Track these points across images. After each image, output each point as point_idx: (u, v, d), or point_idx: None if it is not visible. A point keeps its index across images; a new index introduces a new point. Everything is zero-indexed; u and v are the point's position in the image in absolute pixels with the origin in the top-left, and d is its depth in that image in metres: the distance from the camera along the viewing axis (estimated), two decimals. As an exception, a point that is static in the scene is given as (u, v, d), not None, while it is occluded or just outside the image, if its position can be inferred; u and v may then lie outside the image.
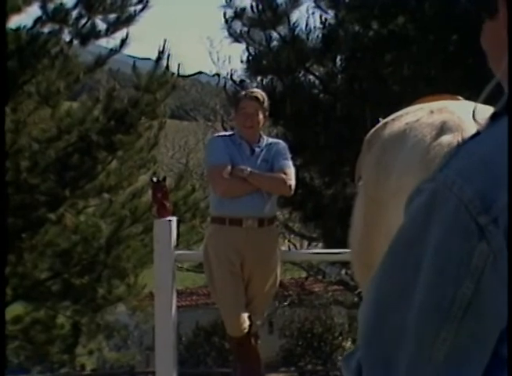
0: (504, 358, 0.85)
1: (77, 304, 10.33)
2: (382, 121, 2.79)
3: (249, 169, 4.64)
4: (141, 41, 9.81)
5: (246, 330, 4.64)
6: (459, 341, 0.85)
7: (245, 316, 4.63)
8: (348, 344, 19.93)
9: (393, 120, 2.71)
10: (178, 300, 5.65)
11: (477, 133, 0.93)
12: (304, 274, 18.31)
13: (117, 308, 11.00)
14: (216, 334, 19.20)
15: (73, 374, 14.90)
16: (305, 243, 15.35)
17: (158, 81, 9.68)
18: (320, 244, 10.76)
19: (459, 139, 2.31)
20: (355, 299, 14.56)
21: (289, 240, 16.97)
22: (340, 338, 20.19)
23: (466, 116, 2.39)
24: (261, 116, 4.74)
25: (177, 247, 5.28)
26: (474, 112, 0.98)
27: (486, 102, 0.98)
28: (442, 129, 2.43)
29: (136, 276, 10.40)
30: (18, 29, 8.97)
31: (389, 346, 0.88)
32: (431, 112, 2.55)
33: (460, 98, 2.77)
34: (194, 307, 20.90)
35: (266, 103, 4.79)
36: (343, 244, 4.43)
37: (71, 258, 9.80)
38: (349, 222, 2.93)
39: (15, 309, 10.55)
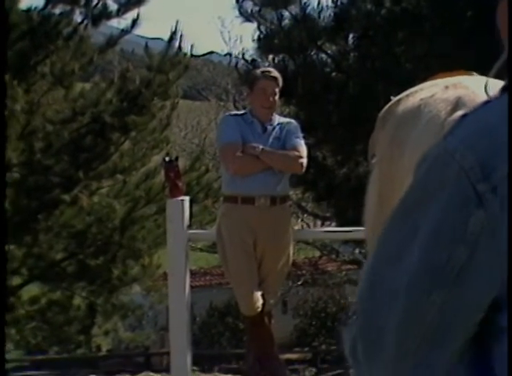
0: (502, 328, 0.86)
1: (92, 285, 10.37)
2: (396, 98, 2.75)
3: (261, 147, 4.62)
4: (151, 20, 9.75)
5: (259, 309, 4.64)
6: (448, 306, 0.86)
7: (258, 294, 4.62)
8: (362, 323, 19.97)
9: (407, 96, 2.67)
10: (191, 280, 5.65)
11: (486, 102, 0.91)
12: (317, 253, 18.31)
13: (132, 288, 11.02)
14: (230, 315, 19.25)
15: (90, 355, 14.99)
16: (318, 222, 15.33)
17: (170, 62, 9.65)
18: (333, 224, 10.74)
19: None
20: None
21: (302, 220, 16.96)
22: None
23: (481, 91, 2.35)
24: (277, 96, 4.73)
25: (190, 227, 5.28)
26: (486, 86, 0.97)
27: (498, 76, 0.97)
28: (457, 104, 2.39)
29: (150, 256, 10.42)
30: (29, 10, 8.94)
31: (381, 308, 0.89)
32: (446, 87, 2.51)
33: (475, 74, 2.73)
34: (208, 287, 20.95)
35: (281, 82, 4.78)
36: (356, 222, 4.40)
37: (86, 238, 9.82)
38: (362, 201, 2.90)
39: (31, 290, 10.60)
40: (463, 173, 0.87)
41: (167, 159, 5.11)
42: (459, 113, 2.36)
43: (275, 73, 4.82)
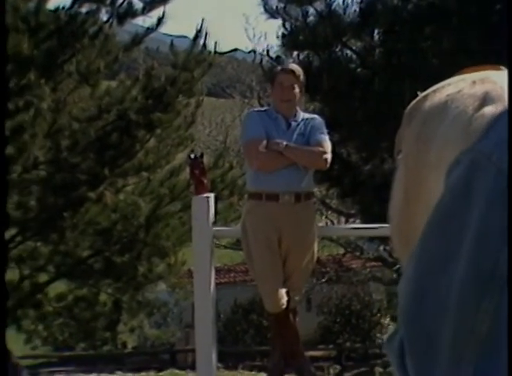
0: None
1: (118, 282, 10.40)
2: (422, 94, 2.73)
3: (285, 143, 4.61)
4: (176, 18, 9.76)
5: (284, 306, 4.63)
6: (501, 314, 0.83)
7: (283, 291, 4.61)
8: (387, 321, 19.89)
9: (434, 92, 2.65)
10: (216, 277, 5.65)
11: None
12: (341, 251, 18.26)
13: (157, 286, 11.06)
14: (254, 312, 19.26)
15: (116, 352, 15.05)
16: (343, 219, 15.30)
17: (195, 59, 9.65)
18: (357, 221, 10.70)
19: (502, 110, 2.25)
20: (394, 275, 14.49)
21: (326, 217, 16.92)
22: (378, 314, 20.14)
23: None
24: (297, 89, 4.70)
25: (215, 224, 5.28)
26: None
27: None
28: (485, 100, 2.36)
29: (175, 254, 10.43)
30: (57, 9, 8.99)
31: (431, 321, 0.86)
32: (473, 83, 2.47)
33: (503, 68, 2.70)
34: (232, 284, 20.98)
35: (302, 77, 4.74)
36: (381, 219, 4.37)
37: (112, 236, 9.85)
38: (387, 198, 2.88)
39: (58, 287, 10.66)
40: (500, 176, 0.84)
41: (192, 156, 5.11)
42: (488, 109, 2.34)
43: (293, 66, 4.82)
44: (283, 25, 8.86)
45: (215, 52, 9.99)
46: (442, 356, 0.85)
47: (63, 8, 9.03)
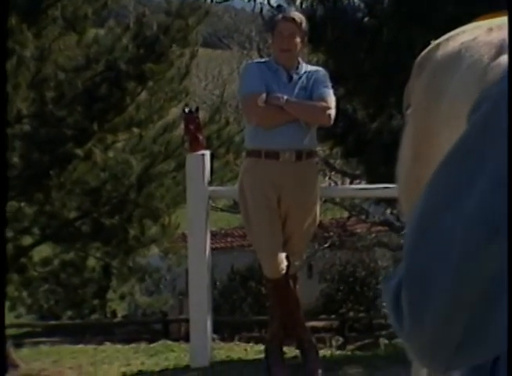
0: None
1: (107, 245, 10.43)
2: (434, 43, 2.70)
3: (285, 97, 4.59)
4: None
5: (283, 272, 4.64)
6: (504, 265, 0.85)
7: (282, 255, 4.62)
8: (393, 288, 19.98)
9: (447, 40, 2.62)
10: (212, 242, 5.67)
11: None
12: (345, 214, 18.29)
13: (149, 250, 11.09)
14: (252, 279, 19.33)
15: (105, 321, 15.14)
16: (347, 181, 15.29)
17: (190, 7, 9.58)
18: (363, 182, 10.70)
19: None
20: (401, 241, 14.52)
21: (329, 178, 16.91)
22: (384, 282, 20.23)
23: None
24: (298, 39, 4.66)
25: (210, 184, 5.28)
26: None
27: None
28: (502, 48, 2.33)
29: (169, 216, 10.45)
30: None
31: (435, 259, 0.88)
32: (490, 30, 2.45)
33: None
34: (229, 249, 21.05)
35: (304, 26, 4.70)
36: (388, 180, 4.37)
37: (101, 196, 9.86)
38: (395, 158, 2.87)
39: (43, 251, 10.69)
40: None
41: (186, 110, 5.11)
42: (505, 58, 2.31)
43: (295, 14, 4.77)
44: (285, -30, 8.77)
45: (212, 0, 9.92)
46: (441, 298, 0.87)
47: None
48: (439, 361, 0.91)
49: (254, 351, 5.74)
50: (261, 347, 5.50)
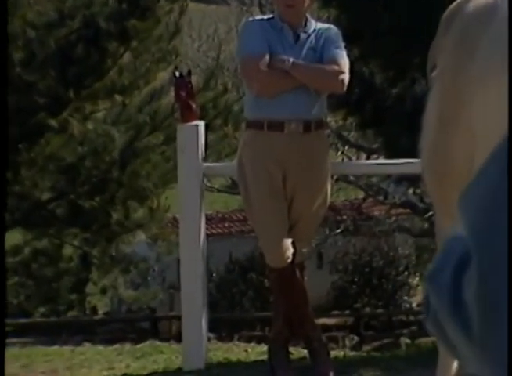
0: None
1: (86, 231, 10.48)
2: (465, -7, 2.69)
3: (292, 60, 4.59)
4: None
5: (289, 260, 4.65)
6: None
7: (288, 242, 4.63)
8: (416, 280, 20.05)
9: (478, -10, 2.61)
10: (207, 227, 5.68)
11: None
12: (361, 195, 18.32)
13: (135, 236, 11.13)
14: (253, 270, 19.38)
15: (83, 319, 15.19)
16: (363, 156, 15.33)
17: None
18: (381, 158, 10.73)
19: None
20: (425, 225, 14.57)
21: (342, 153, 16.94)
22: (405, 272, 20.29)
23: None
24: (306, -8, 4.67)
25: (205, 160, 5.28)
26: None
27: None
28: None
29: (157, 197, 10.49)
30: None
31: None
32: (528, -23, 2.44)
33: None
34: (227, 235, 21.12)
35: (313, -24, 4.70)
36: (410, 155, 4.37)
37: (78, 174, 9.89)
38: (418, 128, 2.87)
39: (13, 238, 10.72)
40: None
41: (177, 74, 5.10)
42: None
43: None
44: None
45: None
46: None
47: None
48: None
49: (256, 352, 5.76)
50: (264, 347, 5.52)
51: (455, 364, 2.85)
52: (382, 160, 7.86)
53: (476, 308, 0.82)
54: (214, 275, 18.90)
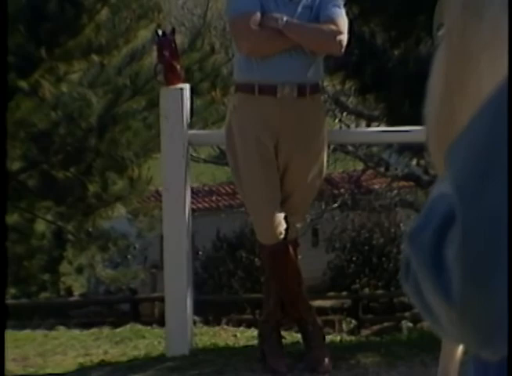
0: None
1: (60, 205, 10.47)
2: None
3: (285, 18, 4.59)
4: None
5: (281, 236, 4.68)
6: None
7: (281, 216, 4.65)
8: (419, 259, 20.11)
9: None
10: (193, 201, 5.68)
11: None
12: (360, 166, 18.33)
13: (114, 211, 11.12)
14: (243, 247, 19.44)
15: (57, 301, 15.20)
16: (363, 123, 15.32)
17: None
18: (382, 125, 10.74)
19: None
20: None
21: (340, 120, 16.93)
22: (408, 251, 20.36)
23: None
24: None
25: (191, 127, 5.28)
26: None
27: None
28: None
29: (139, 168, 10.48)
30: None
31: (501, 203, 0.83)
32: None
33: None
34: (214, 210, 21.16)
35: None
36: (414, 122, 4.37)
37: (52, 142, 9.87)
38: (423, 92, 2.86)
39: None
40: None
41: (160, 33, 5.09)
42: None
43: None
44: None
45: None
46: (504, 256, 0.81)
47: None
48: (501, 342, 0.84)
49: (246, 337, 5.79)
50: (254, 332, 5.55)
51: (460, 349, 2.87)
52: (383, 128, 7.86)
53: (457, 270, 0.83)
54: (200, 253, 18.95)
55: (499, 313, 0.82)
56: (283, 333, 5.05)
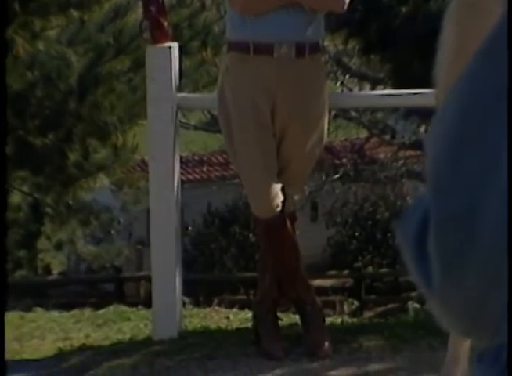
0: None
1: (38, 175, 10.46)
2: None
3: (283, -30, 4.57)
4: None
5: (278, 209, 4.68)
6: None
7: (277, 187, 4.65)
8: (427, 235, 20.17)
9: None
10: (182, 172, 5.68)
11: None
12: (363, 134, 18.33)
13: (96, 181, 11.12)
14: (236, 222, 19.49)
15: (34, 280, 15.24)
16: (367, 86, 15.32)
17: None
18: (388, 88, 10.75)
19: None
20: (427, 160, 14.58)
21: (342, 83, 16.92)
22: (415, 226, 20.41)
23: None
24: None
25: (180, 90, 5.27)
26: None
27: None
28: None
29: (123, 134, 10.48)
30: None
31: (469, 192, 0.87)
32: None
33: None
34: (205, 182, 21.18)
35: None
36: (423, 85, 4.38)
37: (28, 105, 9.85)
38: (432, 51, 2.87)
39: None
40: None
41: (145, -14, 5.08)
42: None
43: None
44: None
45: None
46: (484, 241, 0.85)
47: None
48: (482, 331, 0.90)
49: (239, 318, 5.81)
50: (248, 313, 5.57)
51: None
52: (389, 91, 7.85)
53: (435, 263, 0.88)
54: (189, 228, 18.99)
55: (477, 303, 0.88)
56: (279, 314, 5.06)
